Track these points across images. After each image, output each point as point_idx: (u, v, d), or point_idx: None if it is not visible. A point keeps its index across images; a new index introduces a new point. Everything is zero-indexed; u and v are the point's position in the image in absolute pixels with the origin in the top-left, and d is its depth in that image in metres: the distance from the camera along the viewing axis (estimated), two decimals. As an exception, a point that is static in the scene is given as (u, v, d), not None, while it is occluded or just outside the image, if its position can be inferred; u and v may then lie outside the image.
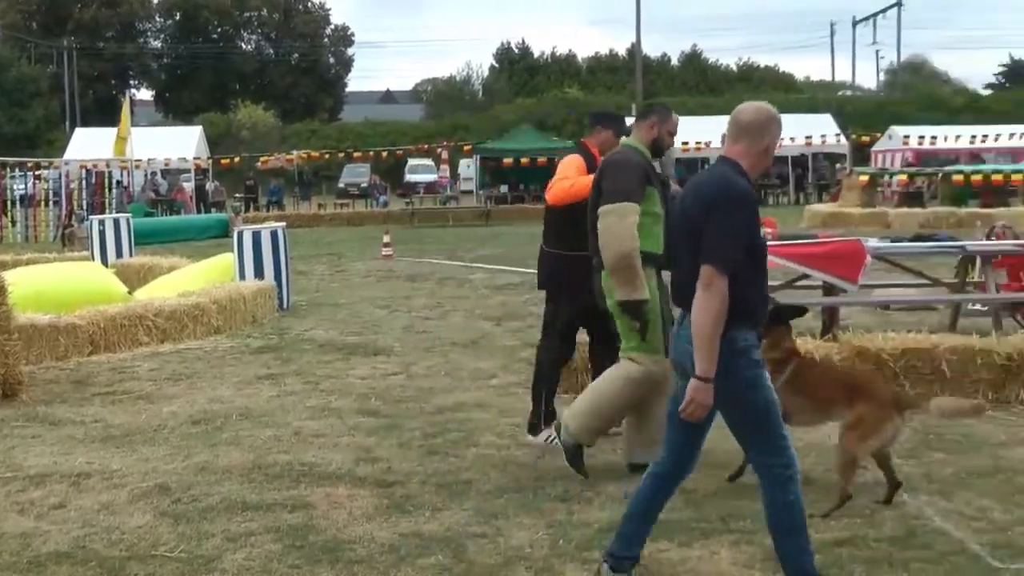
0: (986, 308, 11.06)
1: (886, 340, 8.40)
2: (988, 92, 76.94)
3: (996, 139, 44.10)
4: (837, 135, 42.25)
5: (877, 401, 5.95)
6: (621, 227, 6.29)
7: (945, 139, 44.62)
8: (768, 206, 37.15)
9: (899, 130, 46.89)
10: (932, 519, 5.79)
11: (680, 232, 4.72)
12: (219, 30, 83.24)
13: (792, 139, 38.36)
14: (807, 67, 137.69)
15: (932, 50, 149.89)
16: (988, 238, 11.74)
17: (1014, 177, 31.77)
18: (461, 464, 7.01)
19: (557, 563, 5.27)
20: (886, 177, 34.87)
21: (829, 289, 10.57)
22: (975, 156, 43.48)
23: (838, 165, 42.52)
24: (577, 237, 6.87)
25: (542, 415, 7.38)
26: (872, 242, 10.75)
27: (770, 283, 11.64)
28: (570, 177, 7.12)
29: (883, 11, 75.64)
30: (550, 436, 7.05)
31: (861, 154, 49.18)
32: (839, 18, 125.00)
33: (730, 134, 4.74)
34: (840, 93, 75.85)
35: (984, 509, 5.94)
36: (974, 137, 44.24)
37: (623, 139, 6.83)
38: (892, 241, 11.34)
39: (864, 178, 32.52)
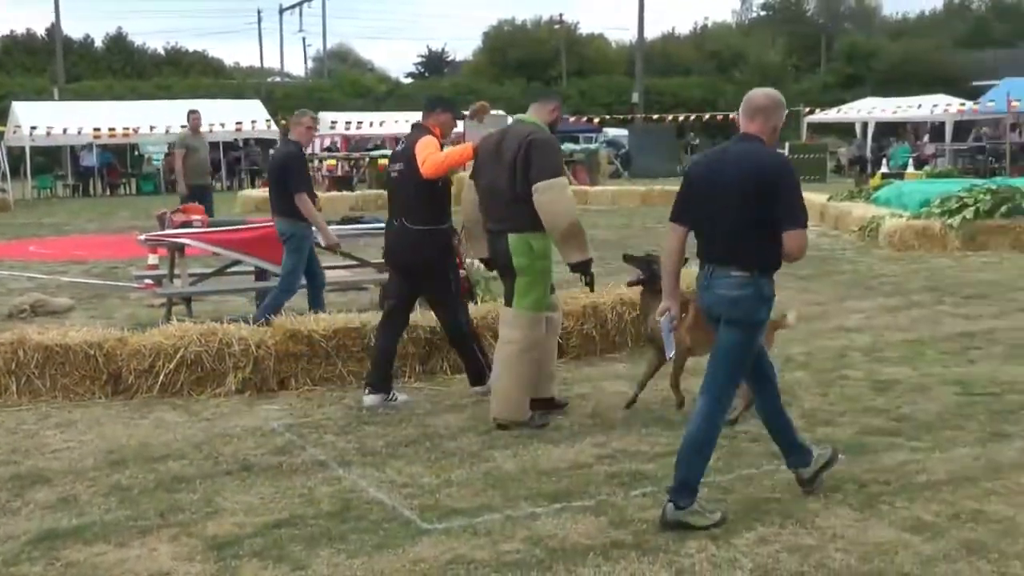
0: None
1: (318, 321, 8.60)
2: (409, 80, 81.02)
3: (417, 125, 46.55)
4: (268, 121, 42.54)
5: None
6: (565, 199, 7.04)
7: (371, 125, 46.48)
8: (202, 192, 36.72)
9: (327, 116, 48.15)
10: (367, 490, 6.02)
11: (719, 200, 5.33)
12: None
13: (223, 125, 38.17)
14: (236, 53, 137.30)
15: (356, 39, 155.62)
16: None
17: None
18: None
19: (-20, 581, 4.91)
20: (316, 162, 35.67)
21: (261, 273, 10.66)
22: (399, 140, 45.60)
23: (271, 151, 42.91)
24: (436, 212, 7.78)
25: (483, 370, 8.00)
26: (302, 226, 10.92)
27: (202, 271, 11.55)
28: (435, 153, 7.61)
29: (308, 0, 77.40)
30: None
31: (292, 139, 49.90)
32: (266, 5, 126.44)
33: (745, 114, 5.46)
34: (269, 79, 76.68)
35: (414, 475, 6.26)
36: (397, 122, 46.44)
37: (525, 116, 7.39)
38: (322, 224, 11.58)
39: (296, 163, 33.08)
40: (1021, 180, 20.04)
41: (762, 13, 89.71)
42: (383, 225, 11.52)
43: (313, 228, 9.92)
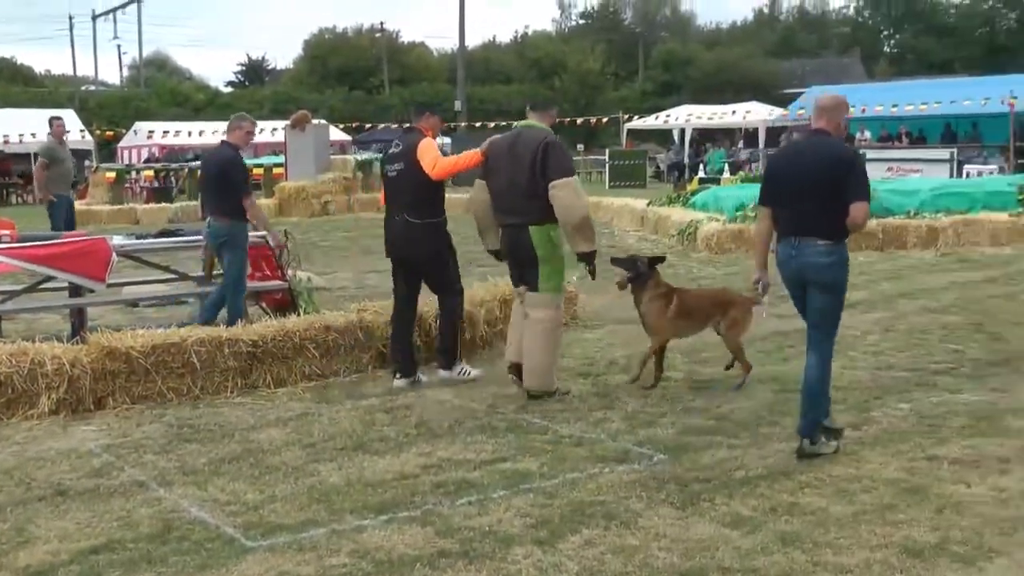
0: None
1: (135, 338, 8.35)
2: (229, 89, 79.60)
3: (237, 134, 45.93)
4: (82, 131, 41.26)
5: (740, 305, 8.44)
6: (578, 195, 8.02)
7: (189, 134, 45.62)
8: (11, 205, 35.46)
9: (144, 126, 47.11)
10: (189, 510, 5.88)
11: (802, 183, 6.45)
12: None
13: (34, 135, 36.77)
14: (47, 60, 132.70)
15: (174, 47, 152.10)
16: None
17: (275, 171, 33.03)
18: None
19: None
20: (133, 173, 34.75)
21: (76, 290, 10.31)
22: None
23: (86, 162, 41.63)
24: (435, 207, 8.60)
25: (458, 354, 8.92)
26: (117, 239, 10.64)
27: (11, 288, 11.13)
28: (440, 156, 8.50)
29: (123, 6, 75.46)
30: (462, 369, 8.86)
31: (107, 149, 48.68)
32: (78, 11, 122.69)
33: (815, 114, 6.74)
34: (83, 88, 74.38)
35: (237, 492, 6.15)
36: (217, 132, 45.77)
37: (531, 121, 8.33)
38: (138, 238, 11.31)
39: (111, 174, 32.20)
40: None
41: (581, 21, 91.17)
42: (201, 238, 11.35)
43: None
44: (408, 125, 9.12)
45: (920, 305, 11.96)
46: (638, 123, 49.06)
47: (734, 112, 44.78)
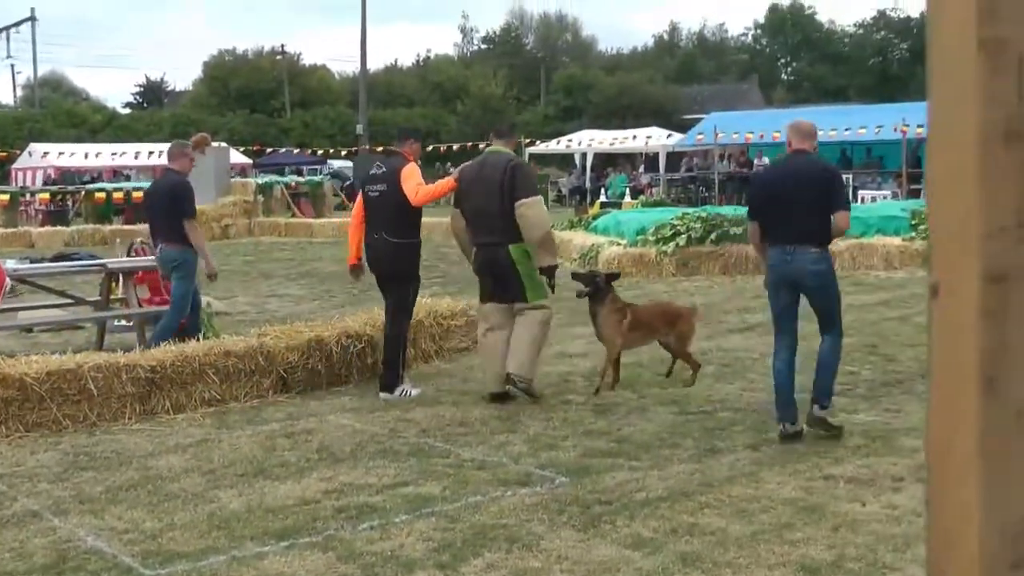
0: (131, 323, 11.27)
1: (29, 364, 8.18)
2: (127, 111, 78.40)
3: (136, 156, 45.33)
4: (-27, 153, 40.48)
5: (685, 318, 9.37)
6: (542, 213, 8.82)
7: (86, 156, 44.87)
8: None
9: (39, 147, 46.20)
10: (85, 539, 5.77)
11: (793, 198, 7.24)
12: None
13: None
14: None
15: (69, 67, 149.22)
16: (129, 254, 11.98)
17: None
18: None
19: None
20: (28, 195, 34.07)
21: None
22: (117, 173, 44.24)
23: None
24: (413, 228, 9.07)
25: (400, 376, 9.05)
26: (11, 263, 10.43)
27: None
28: (423, 183, 9.04)
29: (16, 24, 73.97)
30: (403, 391, 8.99)
31: (1, 171, 47.66)
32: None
33: (798, 136, 7.57)
34: (-26, 109, 72.78)
35: (135, 521, 6.05)
36: (115, 154, 45.15)
37: (497, 147, 8.98)
38: (32, 262, 11.09)
39: (4, 197, 31.52)
40: (729, 208, 21.16)
41: (483, 46, 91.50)
42: (100, 262, 11.21)
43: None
44: (390, 148, 9.76)
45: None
46: (540, 147, 49.31)
47: (635, 137, 45.22)
